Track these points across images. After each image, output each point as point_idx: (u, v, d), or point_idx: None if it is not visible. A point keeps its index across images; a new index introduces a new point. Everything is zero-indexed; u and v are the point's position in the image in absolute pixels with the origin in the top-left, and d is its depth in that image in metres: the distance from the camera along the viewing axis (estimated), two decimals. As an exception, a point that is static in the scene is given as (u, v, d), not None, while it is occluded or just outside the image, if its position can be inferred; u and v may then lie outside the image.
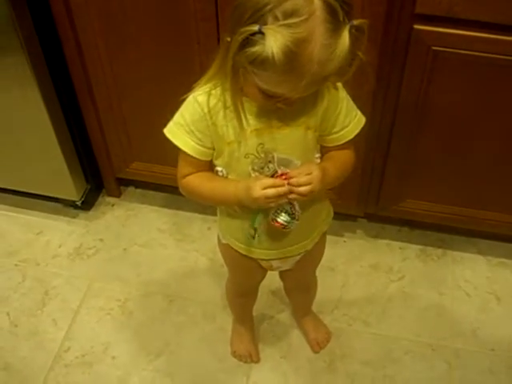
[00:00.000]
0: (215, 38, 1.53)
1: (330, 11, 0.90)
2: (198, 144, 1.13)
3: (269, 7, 0.89)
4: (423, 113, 1.59)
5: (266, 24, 0.89)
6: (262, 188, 1.08)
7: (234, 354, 1.76)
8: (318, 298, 1.73)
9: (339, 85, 1.13)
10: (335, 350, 1.77)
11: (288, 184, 1.08)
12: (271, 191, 1.07)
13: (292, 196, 1.09)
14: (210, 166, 1.20)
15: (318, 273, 1.60)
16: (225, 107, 1.09)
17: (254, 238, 1.25)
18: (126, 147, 1.94)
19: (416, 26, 1.42)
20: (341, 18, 0.91)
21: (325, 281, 1.81)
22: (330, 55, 0.91)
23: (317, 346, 1.77)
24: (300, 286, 1.63)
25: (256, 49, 0.90)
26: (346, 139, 1.19)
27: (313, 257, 1.43)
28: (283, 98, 1.01)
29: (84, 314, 1.86)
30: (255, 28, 0.89)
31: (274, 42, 0.87)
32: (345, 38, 0.91)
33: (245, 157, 1.14)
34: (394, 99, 1.58)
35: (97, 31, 1.61)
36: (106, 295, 1.90)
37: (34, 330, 1.82)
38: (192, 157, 1.15)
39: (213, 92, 1.09)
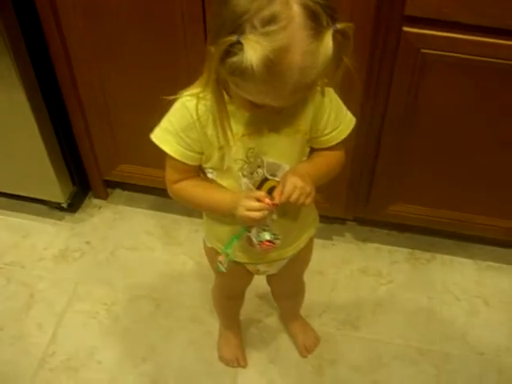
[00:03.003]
0: (202, 40, 1.51)
1: (311, 16, 0.87)
2: (187, 149, 1.11)
3: (246, 16, 0.86)
4: (412, 115, 1.58)
5: (244, 33, 0.86)
6: (247, 209, 1.08)
7: (221, 358, 1.75)
8: (306, 301, 1.72)
9: (329, 88, 1.12)
10: (324, 354, 1.76)
11: (277, 205, 1.08)
12: (255, 214, 1.08)
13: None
14: (198, 171, 1.18)
15: (306, 276, 1.59)
16: (213, 110, 1.06)
17: (223, 265, 1.22)
18: (113, 149, 1.92)
19: (405, 29, 1.41)
20: (324, 23, 0.88)
21: (313, 284, 1.80)
22: (312, 62, 0.88)
23: (305, 351, 1.76)
24: (287, 291, 1.62)
25: (235, 59, 0.87)
26: (338, 140, 1.18)
27: (300, 261, 1.42)
28: (271, 107, 0.99)
29: (69, 317, 1.84)
30: (233, 38, 0.86)
31: (252, 52, 0.85)
32: (327, 43, 0.88)
33: (234, 162, 1.12)
34: (384, 102, 1.58)
35: (82, 31, 1.59)
36: (91, 299, 1.88)
37: (18, 334, 1.80)
38: (181, 162, 1.12)
39: (201, 96, 1.05)
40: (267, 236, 1.14)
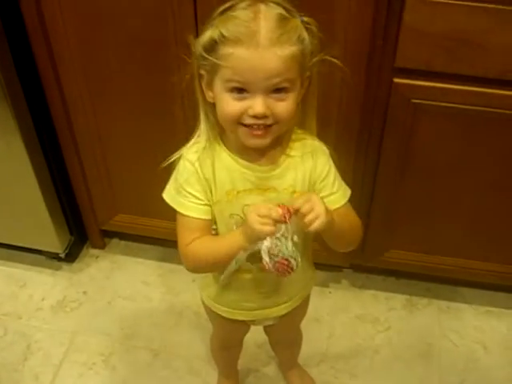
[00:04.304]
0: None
1: (277, 8, 0.98)
2: (197, 203, 1.12)
3: (219, 10, 0.99)
4: (405, 164, 1.60)
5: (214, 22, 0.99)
6: (255, 210, 1.02)
7: (220, 409, 1.73)
8: (303, 350, 1.71)
9: (325, 150, 1.15)
10: (322, 403, 1.75)
11: (291, 213, 1.00)
12: (263, 210, 1.00)
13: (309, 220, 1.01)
14: (210, 228, 1.16)
15: (303, 324, 1.58)
16: (213, 165, 1.10)
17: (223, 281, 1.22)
18: (110, 199, 1.93)
19: (396, 80, 1.44)
20: (290, 15, 0.98)
21: (310, 332, 1.79)
22: (279, 24, 0.96)
23: (303, 400, 1.74)
24: (284, 340, 1.62)
25: (206, 34, 0.98)
26: (334, 206, 1.14)
27: (296, 312, 1.41)
28: (254, 106, 0.99)
29: (67, 368, 1.82)
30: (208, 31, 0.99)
31: (218, 21, 0.97)
32: (296, 21, 0.98)
33: (229, 217, 1.13)
34: (376, 151, 1.60)
35: (81, 83, 1.63)
36: (89, 349, 1.87)
37: (15, 386, 1.79)
38: (192, 218, 1.12)
39: (200, 151, 1.10)
40: (285, 251, 1.01)
